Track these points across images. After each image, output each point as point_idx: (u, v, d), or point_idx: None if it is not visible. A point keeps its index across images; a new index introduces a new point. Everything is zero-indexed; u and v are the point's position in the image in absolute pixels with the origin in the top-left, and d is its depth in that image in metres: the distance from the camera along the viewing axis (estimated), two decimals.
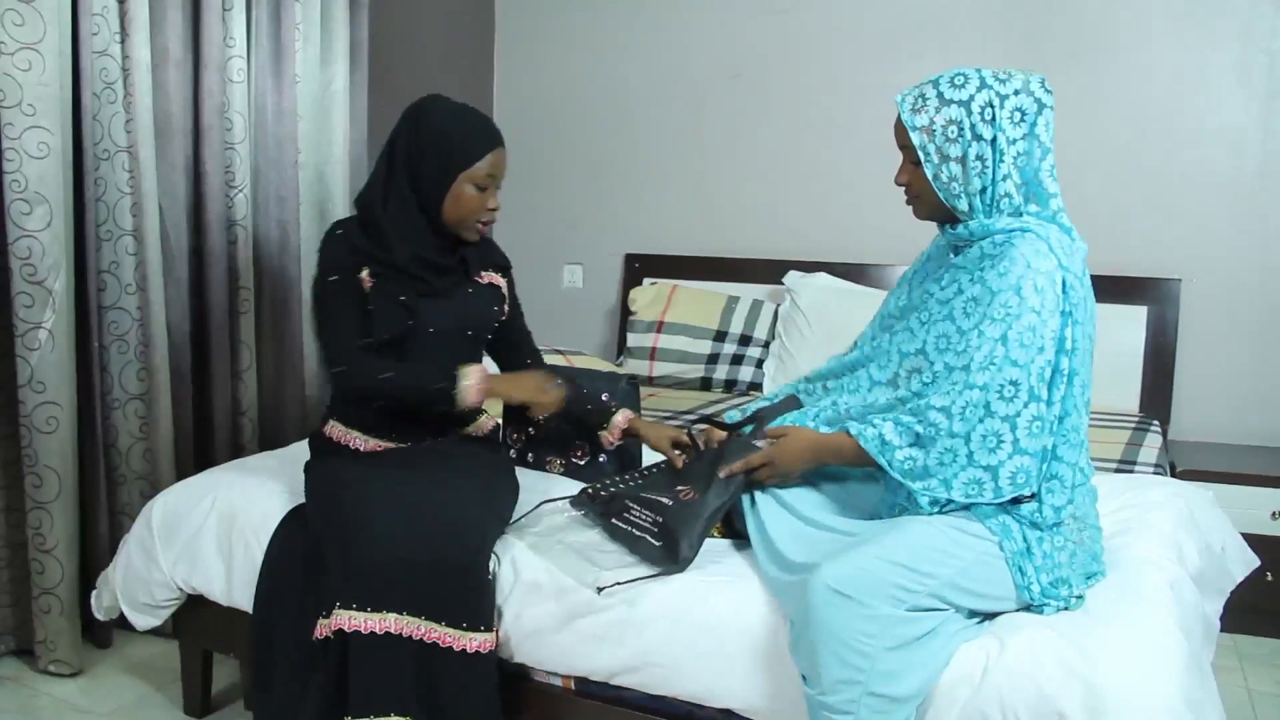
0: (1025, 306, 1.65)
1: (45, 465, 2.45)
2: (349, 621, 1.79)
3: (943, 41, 3.59)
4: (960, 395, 1.67)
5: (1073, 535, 1.74)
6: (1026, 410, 1.65)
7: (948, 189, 1.76)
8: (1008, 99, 1.72)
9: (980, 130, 1.72)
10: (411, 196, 2.06)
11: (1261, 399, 3.33)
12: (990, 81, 1.73)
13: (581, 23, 4.18)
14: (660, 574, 1.83)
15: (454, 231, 2.10)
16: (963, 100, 1.72)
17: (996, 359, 1.65)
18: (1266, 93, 3.26)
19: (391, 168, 2.07)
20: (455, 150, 2.04)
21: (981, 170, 1.73)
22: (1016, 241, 1.70)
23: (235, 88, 2.87)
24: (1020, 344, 1.64)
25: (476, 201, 2.06)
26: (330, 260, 2.06)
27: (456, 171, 2.04)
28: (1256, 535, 2.71)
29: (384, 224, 2.04)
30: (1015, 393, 1.64)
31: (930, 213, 1.84)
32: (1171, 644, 1.62)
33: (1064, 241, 1.72)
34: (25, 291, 2.38)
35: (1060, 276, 1.68)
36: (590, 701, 1.91)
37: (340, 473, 2.02)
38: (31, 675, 2.54)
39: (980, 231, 1.76)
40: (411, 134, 2.06)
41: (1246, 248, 3.32)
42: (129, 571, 2.28)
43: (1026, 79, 1.75)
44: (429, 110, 2.07)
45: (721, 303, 3.77)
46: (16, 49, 2.31)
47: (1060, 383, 1.69)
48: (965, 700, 1.59)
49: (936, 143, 1.75)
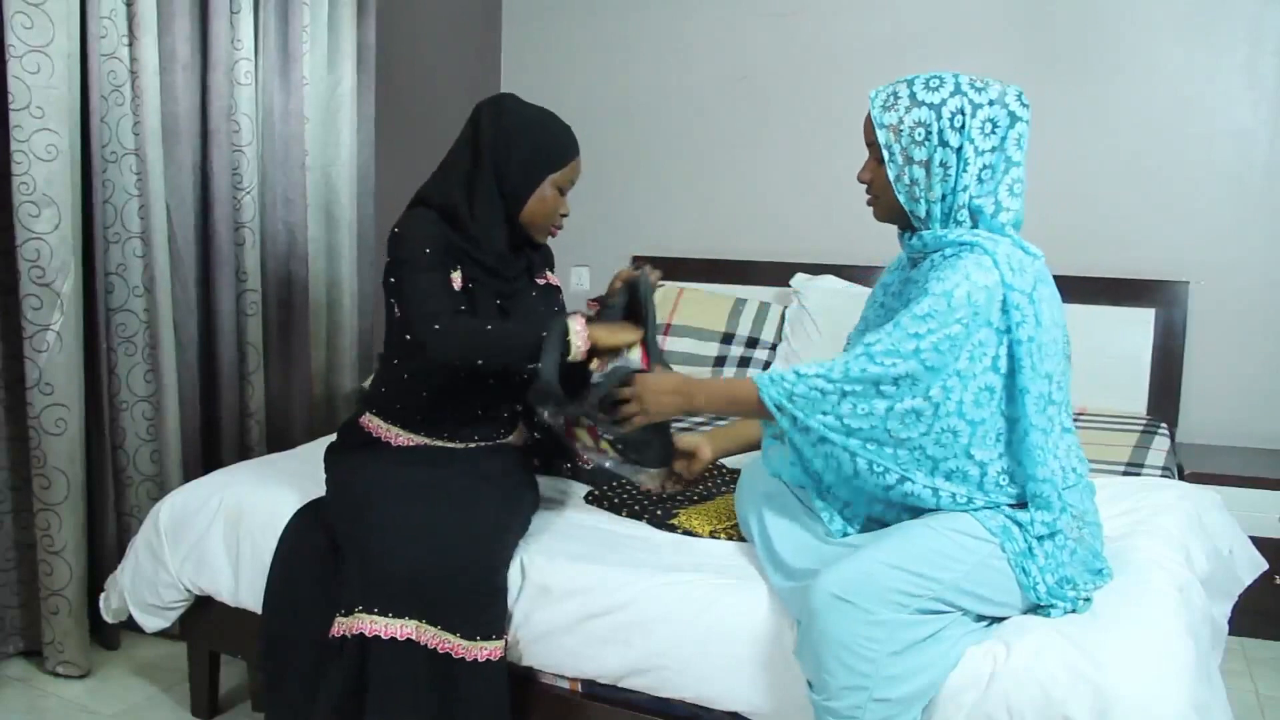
0: (952, 315, 1.63)
1: (53, 467, 2.46)
2: (369, 626, 1.79)
3: (951, 44, 3.59)
4: (855, 362, 1.66)
5: (1072, 533, 1.73)
6: (910, 400, 1.64)
7: (909, 192, 1.73)
8: (980, 108, 1.68)
9: (948, 136, 1.68)
10: (497, 194, 2.01)
11: (1270, 402, 3.32)
12: (965, 89, 1.69)
13: (588, 25, 4.18)
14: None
15: (528, 232, 2.07)
16: (934, 104, 1.69)
17: (905, 352, 1.63)
18: (1275, 95, 3.25)
19: (476, 163, 2.01)
20: (545, 151, 2.01)
21: (944, 177, 1.70)
22: (964, 255, 1.68)
23: (243, 90, 2.87)
24: (935, 350, 1.63)
25: (555, 204, 2.05)
26: (423, 236, 1.96)
27: (546, 172, 2.01)
28: (1265, 539, 2.71)
29: (472, 221, 2.00)
30: (910, 386, 1.64)
31: (888, 215, 1.81)
32: (1179, 648, 1.61)
33: (1014, 257, 1.67)
34: (34, 294, 2.39)
35: (1001, 293, 1.64)
36: (597, 704, 1.90)
37: (365, 471, 2.02)
38: (40, 677, 2.54)
39: (933, 243, 1.73)
40: (495, 130, 2.00)
41: (1255, 250, 3.31)
42: (137, 573, 2.29)
43: (1003, 90, 1.71)
44: (510, 109, 2.03)
45: (729, 305, 3.77)
46: (25, 52, 2.32)
47: (988, 400, 1.66)
48: (972, 704, 1.58)
49: (902, 143, 1.72)
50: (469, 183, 2.00)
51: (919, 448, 1.67)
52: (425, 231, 1.97)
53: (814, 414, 1.69)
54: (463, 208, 1.99)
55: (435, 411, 2.08)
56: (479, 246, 2.00)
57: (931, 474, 1.69)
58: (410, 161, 3.83)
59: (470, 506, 1.95)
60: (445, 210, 2.00)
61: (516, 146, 1.99)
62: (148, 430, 2.75)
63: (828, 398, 1.68)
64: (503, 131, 1.99)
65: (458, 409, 2.09)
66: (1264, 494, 2.90)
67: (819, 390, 1.68)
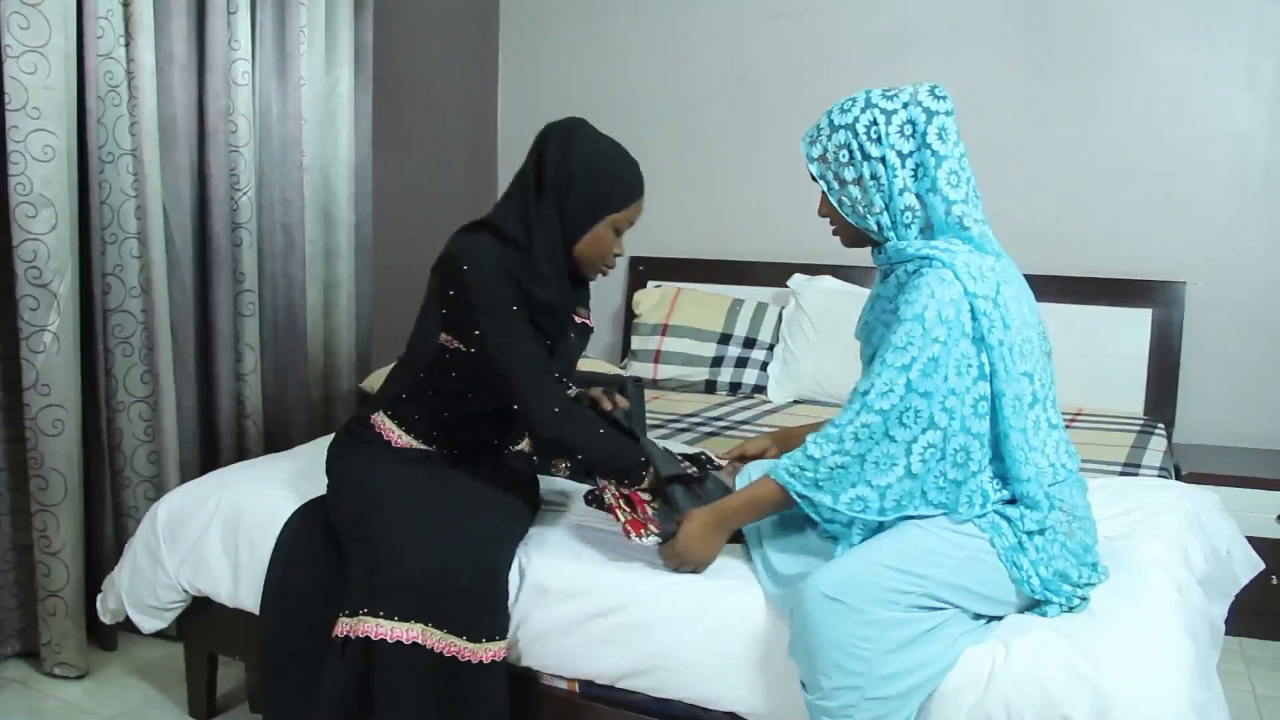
0: (929, 338, 1.65)
1: (51, 468, 2.45)
2: (375, 629, 1.79)
3: (949, 45, 3.59)
4: (858, 417, 1.69)
5: (1062, 528, 1.74)
6: (924, 436, 1.66)
7: (853, 211, 1.78)
8: (894, 114, 1.72)
9: (869, 149, 1.73)
10: (558, 227, 1.92)
11: (1266, 402, 3.33)
12: (876, 100, 1.73)
13: (585, 26, 4.18)
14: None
15: (578, 268, 2.00)
16: (848, 124, 1.74)
17: (897, 387, 1.66)
18: (1273, 96, 3.25)
19: (541, 192, 1.92)
20: (609, 190, 1.94)
21: (878, 189, 1.74)
22: (925, 272, 1.70)
23: (240, 91, 2.87)
24: (923, 374, 1.65)
25: (610, 245, 1.98)
26: (504, 290, 1.88)
27: (607, 212, 1.94)
28: (1262, 538, 2.72)
29: (535, 253, 1.91)
30: (915, 419, 1.66)
31: (851, 240, 1.85)
32: (1178, 648, 1.62)
33: (972, 263, 1.69)
34: (30, 294, 2.39)
35: (967, 303, 1.67)
36: (596, 705, 1.90)
37: (370, 472, 2.01)
38: (37, 678, 2.54)
39: (896, 255, 1.76)
40: (563, 160, 1.91)
41: (1252, 251, 3.31)
42: (134, 574, 2.28)
43: (915, 90, 1.74)
44: (581, 138, 1.94)
45: (726, 305, 3.77)
46: (22, 52, 2.32)
47: (986, 410, 1.68)
48: (971, 704, 1.58)
49: (833, 169, 1.77)
50: (532, 213, 1.93)
51: (940, 475, 1.70)
52: (497, 270, 1.89)
53: (844, 489, 1.70)
54: (522, 236, 1.92)
55: (454, 430, 2.07)
56: (539, 281, 1.93)
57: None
58: (408, 162, 3.83)
59: (476, 508, 1.95)
60: (507, 237, 1.92)
61: (580, 182, 1.91)
62: (145, 431, 2.74)
63: (849, 470, 1.70)
64: (568, 162, 1.91)
65: (477, 432, 2.09)
66: (1261, 494, 2.91)
67: (841, 466, 1.71)
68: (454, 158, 4.14)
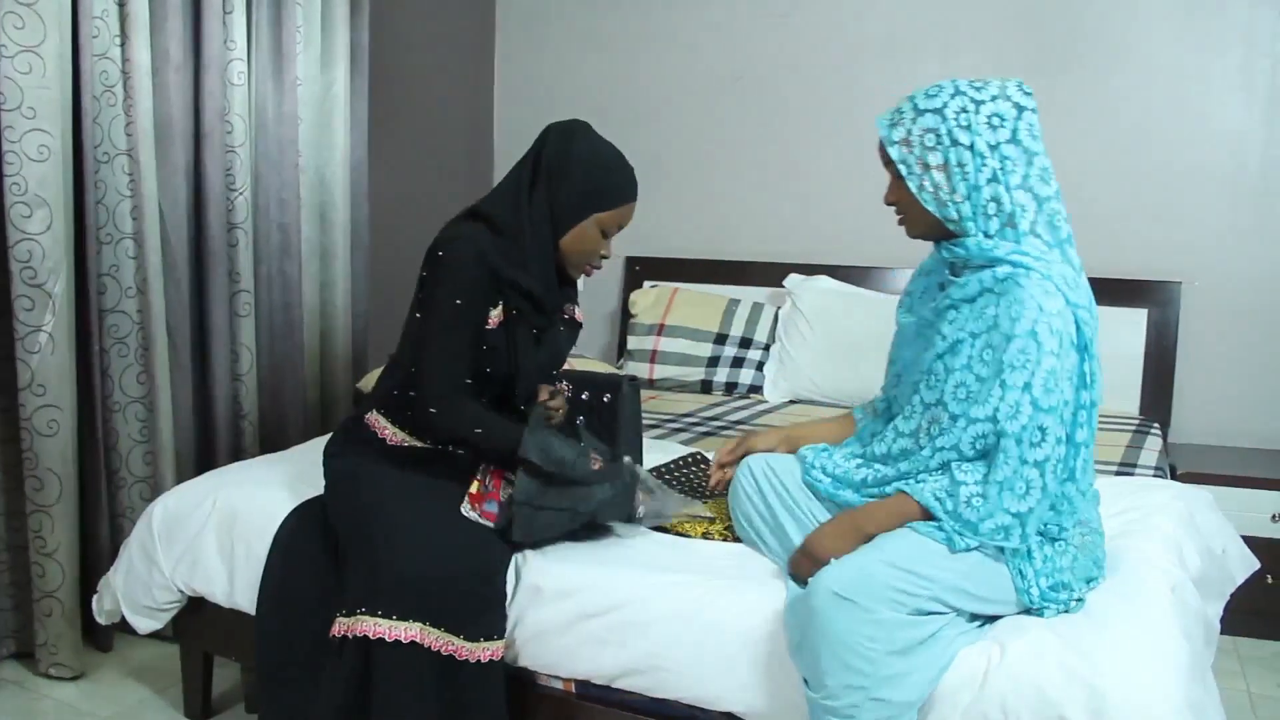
0: (1043, 351, 1.63)
1: (46, 468, 2.45)
2: (374, 628, 1.79)
3: (946, 45, 3.59)
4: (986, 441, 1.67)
5: (1075, 540, 1.74)
6: (1054, 454, 1.65)
7: (934, 198, 1.74)
8: (983, 105, 1.70)
9: (957, 135, 1.70)
10: (548, 219, 1.97)
11: (1262, 402, 3.33)
12: (965, 89, 1.72)
13: (582, 26, 4.18)
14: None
15: (563, 265, 2.03)
16: (938, 108, 1.71)
17: (1023, 407, 1.63)
18: (1268, 96, 3.26)
19: (534, 184, 1.97)
20: (600, 187, 1.98)
21: (964, 176, 1.71)
22: (1022, 282, 1.67)
23: (236, 91, 2.87)
24: (1045, 389, 1.63)
25: (595, 244, 2.01)
26: (464, 282, 1.92)
27: (593, 209, 1.97)
28: (1257, 538, 2.72)
29: (524, 243, 1.95)
30: (1043, 438, 1.64)
31: (922, 230, 1.81)
32: (1173, 647, 1.62)
33: (1067, 275, 1.69)
34: (25, 295, 2.38)
35: (1071, 314, 1.67)
36: (592, 705, 1.90)
37: (368, 472, 2.01)
38: (32, 679, 2.54)
39: (978, 255, 1.72)
40: (560, 154, 1.96)
41: (1247, 251, 3.32)
42: (130, 574, 2.28)
43: (1003, 84, 1.73)
44: (579, 136, 1.99)
45: (722, 305, 3.77)
46: (17, 52, 2.31)
47: (1086, 419, 1.69)
48: (967, 704, 1.59)
49: (916, 153, 1.73)
50: (524, 201, 1.97)
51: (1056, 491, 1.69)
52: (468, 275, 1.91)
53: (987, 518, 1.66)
54: (513, 223, 1.95)
55: None
56: (526, 270, 1.96)
57: None
58: (404, 161, 3.83)
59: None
60: (497, 223, 1.96)
61: (573, 176, 1.96)
62: (141, 431, 2.74)
63: (989, 502, 1.66)
64: (565, 156, 1.96)
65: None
66: (1256, 493, 2.91)
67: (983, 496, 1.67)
68: (450, 158, 4.14)
